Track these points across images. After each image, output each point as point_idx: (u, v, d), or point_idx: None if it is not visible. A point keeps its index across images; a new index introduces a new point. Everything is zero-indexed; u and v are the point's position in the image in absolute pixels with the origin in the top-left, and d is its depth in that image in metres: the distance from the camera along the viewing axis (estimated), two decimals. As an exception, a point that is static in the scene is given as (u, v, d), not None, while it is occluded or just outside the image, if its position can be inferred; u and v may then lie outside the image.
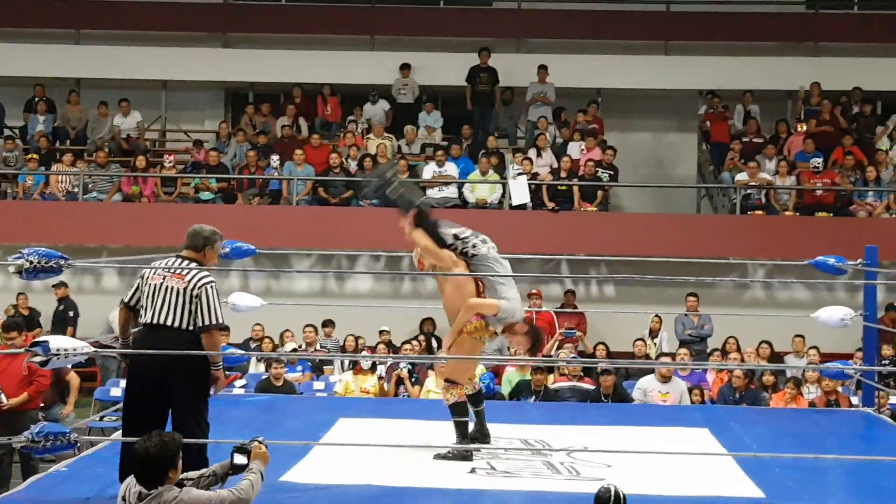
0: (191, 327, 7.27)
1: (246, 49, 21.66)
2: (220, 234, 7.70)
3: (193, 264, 7.42)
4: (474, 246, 8.63)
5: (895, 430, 10.52)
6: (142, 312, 7.41)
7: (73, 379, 12.38)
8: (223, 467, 6.46)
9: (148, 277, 7.40)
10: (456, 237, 8.69)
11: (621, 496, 6.27)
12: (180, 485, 6.05)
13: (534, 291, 16.94)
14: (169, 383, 7.23)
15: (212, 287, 7.31)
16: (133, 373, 7.44)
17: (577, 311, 17.23)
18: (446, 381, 8.75)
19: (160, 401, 7.28)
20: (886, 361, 14.18)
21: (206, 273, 7.37)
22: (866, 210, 18.11)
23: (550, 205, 17.95)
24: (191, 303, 7.26)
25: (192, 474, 6.32)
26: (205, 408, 7.41)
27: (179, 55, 21.43)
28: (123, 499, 6.01)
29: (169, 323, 7.26)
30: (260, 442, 6.53)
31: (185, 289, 7.26)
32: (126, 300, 7.55)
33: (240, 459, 6.42)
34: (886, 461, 8.63)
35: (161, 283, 7.32)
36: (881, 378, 12.27)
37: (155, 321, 7.29)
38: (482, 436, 8.89)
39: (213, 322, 7.28)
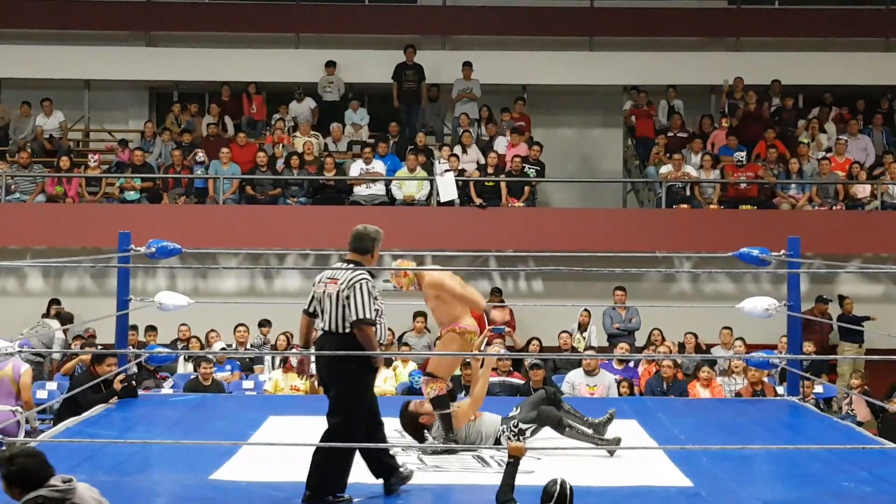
0: (345, 330, 7.33)
1: (169, 48, 21.50)
2: (382, 232, 7.68)
3: (352, 266, 7.44)
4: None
5: (820, 418, 10.72)
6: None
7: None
8: None
9: (317, 284, 7.53)
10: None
11: (567, 490, 6.29)
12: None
13: (463, 287, 16.94)
14: (327, 385, 7.51)
15: (362, 284, 7.31)
16: None
17: (505, 305, 17.28)
18: (427, 375, 8.93)
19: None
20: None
21: (359, 273, 7.37)
22: (789, 202, 18.34)
23: (478, 201, 17.97)
24: (343, 305, 7.30)
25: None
26: (353, 407, 7.37)
27: (102, 54, 21.17)
28: None
29: (328, 328, 7.43)
30: None
31: (338, 293, 7.34)
32: (305, 307, 7.65)
33: None
34: (812, 449, 8.76)
35: (324, 291, 7.43)
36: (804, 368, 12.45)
37: (324, 328, 7.48)
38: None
39: (360, 317, 7.26)
